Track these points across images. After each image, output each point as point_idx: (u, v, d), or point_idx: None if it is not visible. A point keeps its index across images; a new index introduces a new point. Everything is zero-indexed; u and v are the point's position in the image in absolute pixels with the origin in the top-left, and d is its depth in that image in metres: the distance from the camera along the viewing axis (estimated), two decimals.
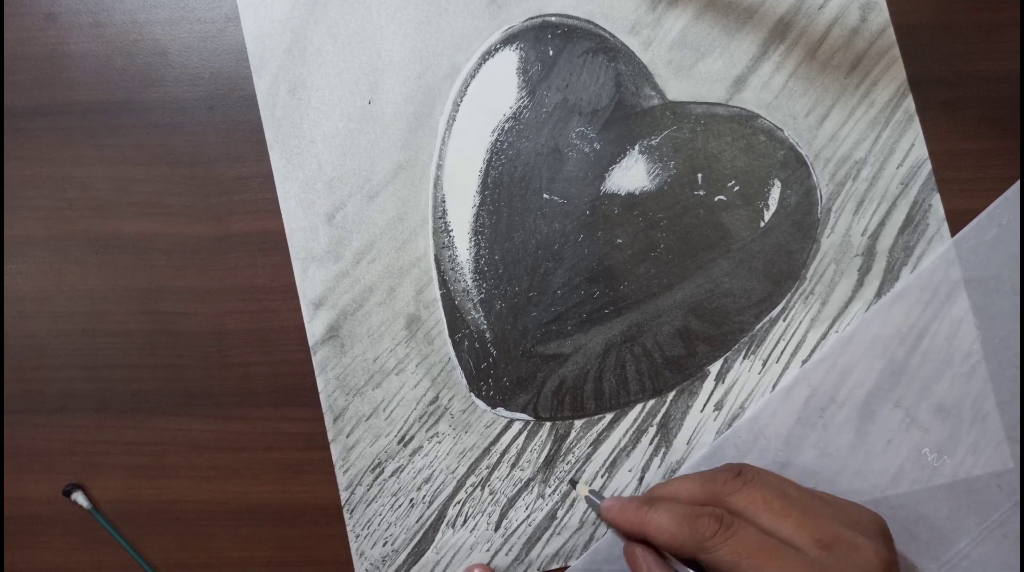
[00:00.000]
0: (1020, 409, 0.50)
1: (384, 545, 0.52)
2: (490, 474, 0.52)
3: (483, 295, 0.53)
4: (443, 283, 0.53)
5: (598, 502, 0.49)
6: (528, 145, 0.53)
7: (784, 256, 0.52)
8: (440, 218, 0.53)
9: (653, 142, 0.53)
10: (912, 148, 0.52)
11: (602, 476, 0.52)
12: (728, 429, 0.52)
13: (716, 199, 0.52)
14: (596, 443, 0.52)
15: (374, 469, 0.52)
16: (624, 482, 0.52)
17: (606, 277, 0.52)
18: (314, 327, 0.53)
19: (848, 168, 0.52)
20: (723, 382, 0.52)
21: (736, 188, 0.52)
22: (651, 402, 0.52)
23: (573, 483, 0.52)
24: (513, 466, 0.52)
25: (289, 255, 0.53)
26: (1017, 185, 0.52)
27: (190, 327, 0.53)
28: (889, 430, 0.51)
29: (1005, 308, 0.51)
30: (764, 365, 0.52)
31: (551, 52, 0.53)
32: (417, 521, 0.52)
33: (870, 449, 0.51)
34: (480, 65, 0.53)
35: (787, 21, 0.53)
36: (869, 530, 0.43)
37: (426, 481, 0.52)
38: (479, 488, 0.52)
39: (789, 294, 0.52)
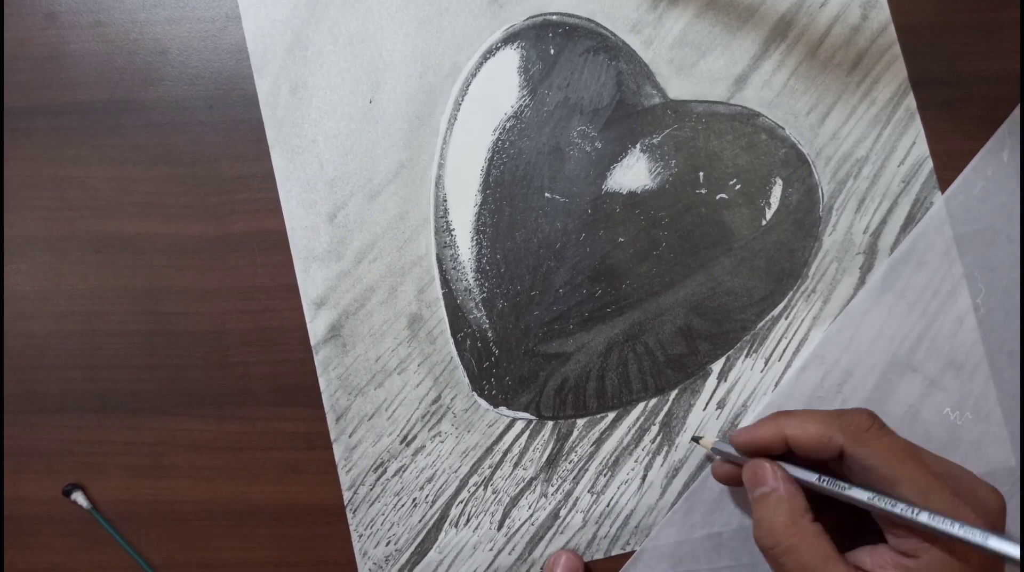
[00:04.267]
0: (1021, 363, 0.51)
1: (387, 545, 0.52)
2: (493, 473, 0.52)
3: (485, 294, 0.53)
4: (445, 282, 0.53)
5: (722, 448, 0.48)
6: (529, 144, 0.53)
7: (786, 254, 0.52)
8: (442, 217, 0.53)
9: (654, 141, 0.53)
10: (913, 146, 0.52)
11: (604, 475, 0.52)
12: (752, 417, 0.52)
13: (718, 197, 0.52)
14: (599, 442, 0.52)
15: (377, 469, 0.52)
16: (627, 481, 0.52)
17: (608, 276, 0.52)
18: (316, 327, 0.52)
19: (849, 166, 0.52)
20: (725, 380, 0.52)
21: (737, 186, 0.52)
22: (653, 401, 0.52)
23: (696, 440, 0.51)
24: (516, 465, 0.52)
25: (289, 254, 0.53)
26: (994, 136, 0.52)
27: (190, 327, 0.53)
28: (910, 396, 0.51)
29: (1003, 258, 0.51)
30: (766, 363, 0.52)
31: (552, 51, 0.53)
32: (420, 521, 0.52)
33: (892, 417, 0.51)
34: (481, 64, 0.53)
35: (788, 19, 0.53)
36: (972, 479, 0.44)
37: (429, 481, 0.52)
38: (482, 487, 0.52)
39: (791, 292, 0.52)
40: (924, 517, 0.38)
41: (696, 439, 0.51)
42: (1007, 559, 0.36)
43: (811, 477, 0.43)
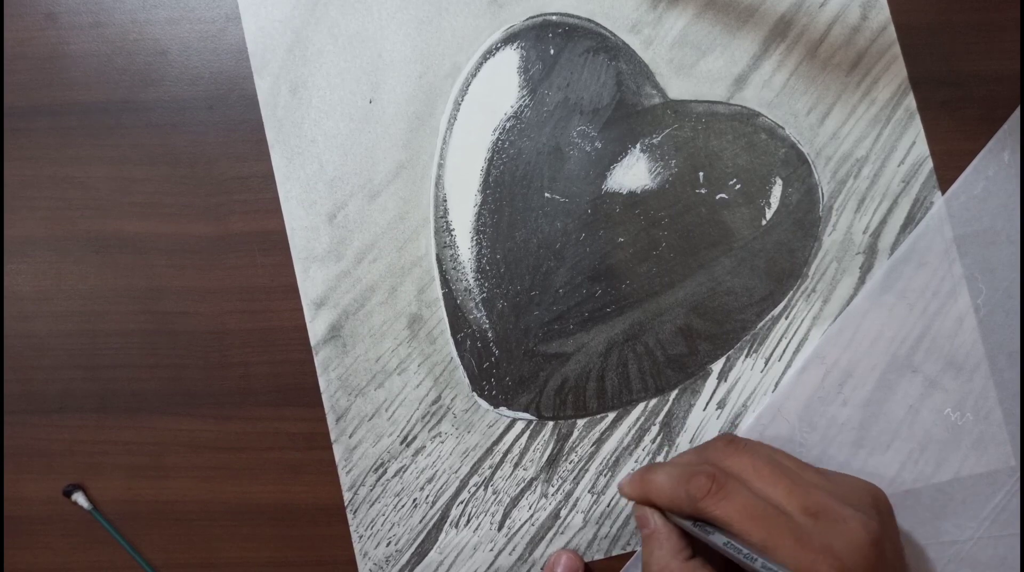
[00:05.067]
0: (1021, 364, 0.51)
1: (388, 545, 0.52)
2: (493, 474, 0.52)
3: (485, 294, 0.53)
4: (445, 282, 0.53)
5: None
6: (529, 144, 0.53)
7: (786, 254, 0.52)
8: (442, 217, 0.53)
9: (654, 141, 0.53)
10: (913, 146, 0.52)
11: (605, 475, 0.52)
12: (753, 418, 0.52)
13: (717, 197, 0.52)
14: (599, 442, 0.52)
15: (377, 469, 0.52)
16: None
17: (608, 276, 0.52)
18: (316, 327, 0.52)
19: (849, 166, 0.52)
20: (725, 380, 0.52)
21: (737, 186, 0.52)
22: (653, 401, 0.52)
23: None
24: (516, 466, 0.52)
25: (289, 255, 0.53)
26: (995, 137, 0.52)
27: (190, 327, 0.53)
28: (910, 396, 0.51)
29: (1004, 259, 0.51)
30: (767, 363, 0.52)
31: (552, 51, 0.53)
32: (420, 521, 0.52)
33: (893, 417, 0.51)
34: (481, 64, 0.53)
35: (788, 19, 0.53)
36: (861, 502, 0.44)
37: (429, 481, 0.52)
38: (482, 488, 0.52)
39: (791, 292, 0.52)
40: (759, 564, 0.39)
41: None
42: None
43: (685, 522, 0.45)
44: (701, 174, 0.53)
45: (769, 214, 0.52)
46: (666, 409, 0.52)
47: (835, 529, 0.41)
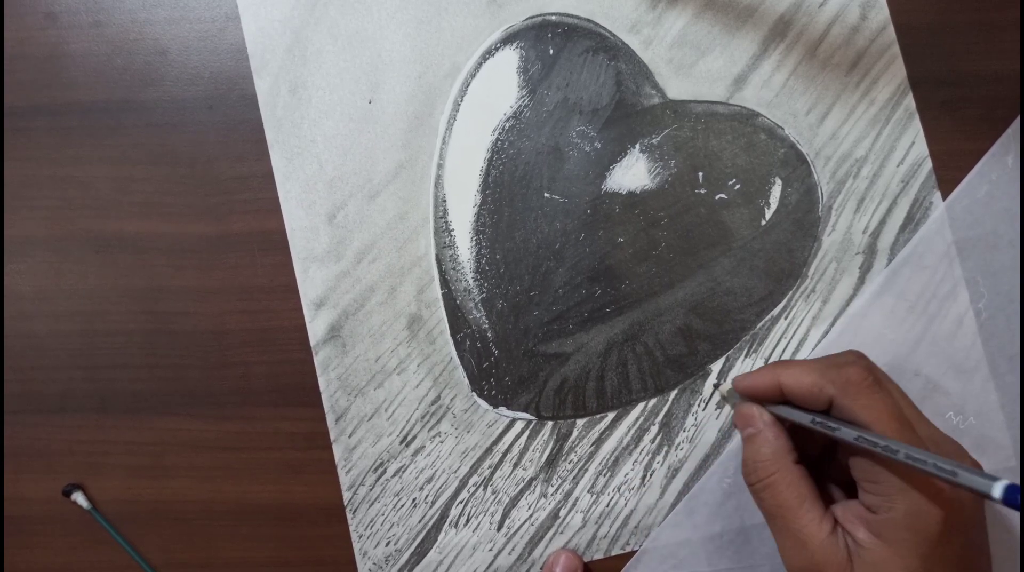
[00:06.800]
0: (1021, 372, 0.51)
1: (387, 545, 0.52)
2: (492, 474, 0.52)
3: (484, 294, 0.53)
4: (444, 283, 0.53)
5: (732, 388, 0.48)
6: (529, 144, 0.53)
7: (785, 254, 0.52)
8: (441, 217, 0.53)
9: (654, 141, 0.53)
10: (912, 146, 0.52)
11: (604, 475, 0.52)
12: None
13: (717, 197, 0.52)
14: (598, 442, 0.52)
15: (376, 469, 0.52)
16: (626, 481, 0.52)
17: (607, 276, 0.52)
18: (316, 327, 0.53)
19: (849, 166, 0.52)
20: (725, 380, 0.52)
21: (737, 186, 0.52)
22: (653, 401, 0.52)
23: (716, 386, 0.52)
24: (515, 465, 0.52)
25: (289, 255, 0.53)
26: (999, 140, 0.52)
27: (190, 327, 0.53)
28: (912, 398, 0.51)
29: (1006, 263, 0.51)
30: (766, 363, 0.52)
31: (551, 51, 0.53)
32: (420, 521, 0.52)
33: None
34: (480, 64, 0.53)
35: (787, 19, 0.53)
36: (960, 447, 0.44)
37: (428, 481, 0.52)
38: (482, 488, 0.52)
39: (790, 292, 0.52)
40: (902, 454, 0.38)
41: (715, 385, 0.52)
42: (975, 491, 0.36)
43: (804, 418, 0.43)
44: (700, 174, 0.53)
45: (768, 214, 0.52)
46: (665, 409, 0.52)
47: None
